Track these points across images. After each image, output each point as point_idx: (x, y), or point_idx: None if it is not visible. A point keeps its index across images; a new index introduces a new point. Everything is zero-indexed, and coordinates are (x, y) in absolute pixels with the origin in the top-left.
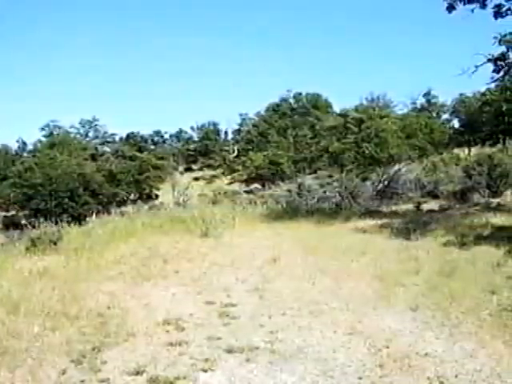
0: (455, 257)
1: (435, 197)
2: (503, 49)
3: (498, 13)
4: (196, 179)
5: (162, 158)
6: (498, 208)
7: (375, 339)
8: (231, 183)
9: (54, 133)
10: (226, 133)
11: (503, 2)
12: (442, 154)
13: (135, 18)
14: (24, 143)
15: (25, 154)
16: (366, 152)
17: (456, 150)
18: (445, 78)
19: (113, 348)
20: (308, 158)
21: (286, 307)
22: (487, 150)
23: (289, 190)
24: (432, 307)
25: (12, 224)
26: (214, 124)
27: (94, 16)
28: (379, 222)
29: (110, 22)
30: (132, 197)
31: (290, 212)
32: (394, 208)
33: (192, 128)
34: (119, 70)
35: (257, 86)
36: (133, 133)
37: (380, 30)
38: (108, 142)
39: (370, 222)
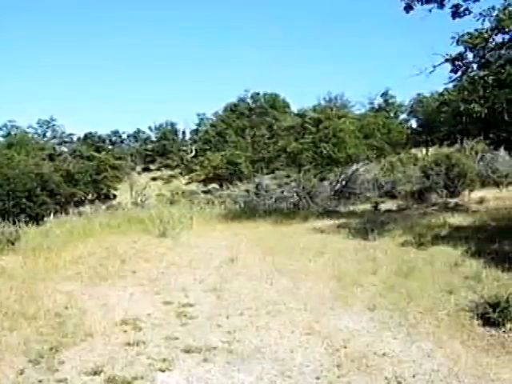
0: (413, 257)
1: (393, 197)
2: (461, 49)
3: (456, 13)
4: (154, 179)
5: (119, 158)
6: (456, 208)
7: (333, 339)
8: (189, 183)
9: (12, 133)
10: (183, 133)
11: (461, 2)
12: (399, 153)
13: (91, 17)
14: None
15: None
16: (324, 152)
17: (414, 150)
18: (402, 77)
19: (70, 348)
20: (266, 158)
21: (244, 307)
22: (445, 149)
23: (247, 190)
24: (390, 307)
25: None
26: (172, 124)
27: (50, 16)
28: (337, 222)
29: (66, 21)
30: (90, 197)
31: (248, 212)
32: (351, 208)
33: (150, 128)
34: (76, 69)
35: (215, 85)
36: (90, 133)
37: (337, 29)
38: (66, 142)
39: (327, 222)
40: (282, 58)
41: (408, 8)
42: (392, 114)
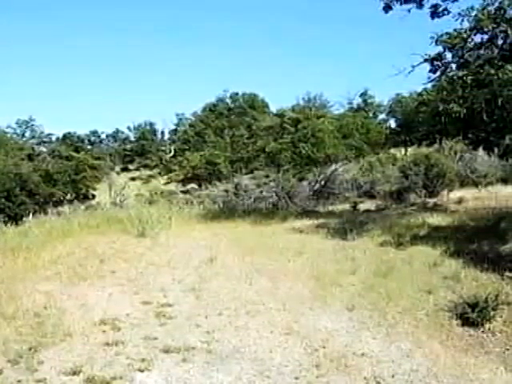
0: (392, 257)
1: (372, 197)
2: (440, 49)
3: (435, 13)
4: (133, 179)
5: (98, 158)
6: (435, 208)
7: (312, 339)
8: (168, 183)
9: None
10: (162, 133)
11: (440, 2)
12: (378, 153)
13: (71, 16)
14: None
15: None
16: (303, 152)
17: (392, 150)
18: (381, 78)
19: (49, 348)
20: (245, 158)
21: (223, 307)
22: (424, 149)
23: (226, 190)
24: (369, 307)
25: None
26: (151, 124)
27: (23, 15)
28: (316, 221)
29: (45, 19)
30: (69, 197)
31: (227, 212)
32: (330, 208)
33: (128, 128)
34: (55, 69)
35: (193, 85)
36: (69, 133)
37: (317, 29)
38: (44, 142)
39: (306, 222)
40: (261, 58)
41: (387, 8)
42: (371, 114)
